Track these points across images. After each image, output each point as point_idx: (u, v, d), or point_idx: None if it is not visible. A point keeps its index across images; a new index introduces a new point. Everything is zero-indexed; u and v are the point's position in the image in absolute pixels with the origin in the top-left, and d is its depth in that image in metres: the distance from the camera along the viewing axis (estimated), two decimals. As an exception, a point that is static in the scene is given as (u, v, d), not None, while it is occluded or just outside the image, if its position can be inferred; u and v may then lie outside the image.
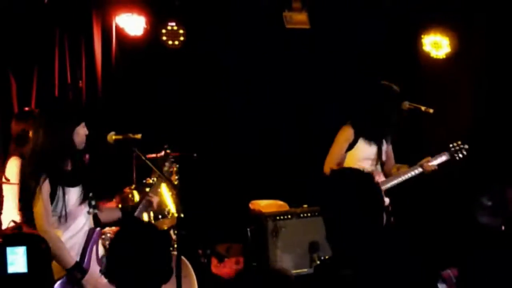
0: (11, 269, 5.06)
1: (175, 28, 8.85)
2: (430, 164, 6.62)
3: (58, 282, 4.93)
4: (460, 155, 6.68)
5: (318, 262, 7.39)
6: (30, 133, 6.79)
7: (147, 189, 5.71)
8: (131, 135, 5.14)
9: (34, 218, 4.99)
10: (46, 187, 4.96)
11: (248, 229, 7.85)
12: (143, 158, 5.16)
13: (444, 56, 8.81)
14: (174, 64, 8.94)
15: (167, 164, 6.50)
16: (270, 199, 8.19)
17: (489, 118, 8.36)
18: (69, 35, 8.45)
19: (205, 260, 8.10)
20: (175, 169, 7.29)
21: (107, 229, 6.96)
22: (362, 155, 6.58)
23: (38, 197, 4.94)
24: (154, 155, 6.58)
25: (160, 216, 6.98)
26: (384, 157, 6.72)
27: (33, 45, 8.03)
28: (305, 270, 7.54)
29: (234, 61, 9.11)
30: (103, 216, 5.43)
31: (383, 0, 8.74)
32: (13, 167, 6.69)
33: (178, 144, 7.45)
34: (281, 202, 8.17)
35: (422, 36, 8.82)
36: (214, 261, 8.18)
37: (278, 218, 7.68)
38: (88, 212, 5.21)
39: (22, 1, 7.88)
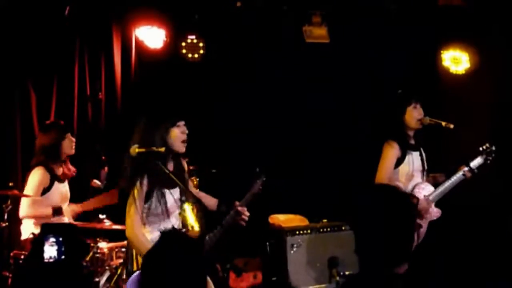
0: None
1: (195, 41, 8.86)
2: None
3: (136, 273, 4.87)
4: (490, 158, 6.60)
5: (338, 278, 7.36)
6: (62, 144, 6.88)
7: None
8: (154, 148, 5.08)
9: (126, 212, 4.98)
10: (142, 188, 4.98)
11: (268, 244, 7.83)
12: (167, 171, 5.10)
13: (464, 72, 8.79)
14: (193, 77, 8.93)
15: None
16: (289, 213, 8.16)
17: (509, 133, 8.30)
18: (89, 47, 8.46)
19: (223, 274, 8.07)
20: (195, 182, 7.30)
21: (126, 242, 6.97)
22: (413, 168, 6.50)
23: (131, 198, 4.96)
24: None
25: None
26: (426, 166, 6.67)
27: (53, 57, 8.06)
28: (324, 285, 7.51)
29: (253, 74, 9.09)
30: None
31: (385, 1, 8.74)
32: (35, 176, 6.71)
33: (198, 158, 7.47)
34: (300, 217, 8.15)
35: (442, 51, 8.80)
36: (232, 275, 8.15)
37: (297, 233, 7.66)
38: (179, 214, 5.25)
39: (43, 13, 7.90)
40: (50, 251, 5.47)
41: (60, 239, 4.56)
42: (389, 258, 3.10)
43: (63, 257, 4.53)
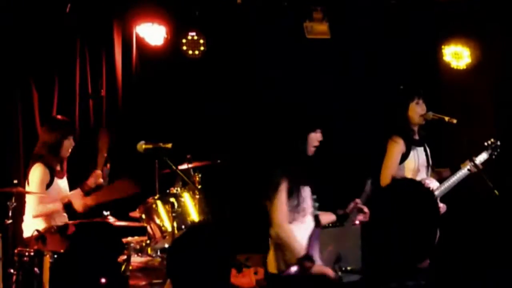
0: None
1: (196, 37, 8.85)
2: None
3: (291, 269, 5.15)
4: (496, 153, 6.61)
5: (340, 273, 7.33)
6: (63, 144, 6.90)
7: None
8: (161, 144, 5.09)
9: (271, 211, 5.16)
10: (286, 184, 5.16)
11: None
12: (174, 167, 5.11)
13: (465, 67, 8.80)
14: (194, 74, 8.92)
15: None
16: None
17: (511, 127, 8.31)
18: (90, 45, 8.47)
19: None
20: (197, 178, 7.28)
21: (129, 238, 6.98)
22: (418, 164, 6.49)
23: (278, 193, 5.10)
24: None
25: (183, 226, 6.93)
26: (430, 162, 6.67)
27: (55, 54, 8.07)
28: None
29: (255, 70, 9.08)
30: (322, 218, 5.57)
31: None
32: (36, 173, 6.72)
33: (200, 153, 7.47)
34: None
35: (443, 46, 8.81)
36: (233, 271, 8.12)
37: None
38: (312, 212, 5.37)
39: (44, 11, 7.89)
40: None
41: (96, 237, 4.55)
42: (414, 252, 3.08)
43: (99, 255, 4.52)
